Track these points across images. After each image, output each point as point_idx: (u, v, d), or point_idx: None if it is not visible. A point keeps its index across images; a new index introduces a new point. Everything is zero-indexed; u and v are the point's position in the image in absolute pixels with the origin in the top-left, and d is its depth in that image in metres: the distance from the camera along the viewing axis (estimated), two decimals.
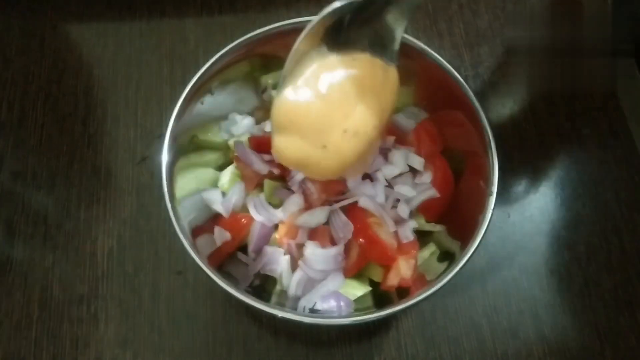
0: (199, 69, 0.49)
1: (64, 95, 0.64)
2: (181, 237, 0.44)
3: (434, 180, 0.52)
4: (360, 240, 0.48)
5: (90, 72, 0.65)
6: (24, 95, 0.64)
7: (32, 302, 0.55)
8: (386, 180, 0.51)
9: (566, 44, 0.65)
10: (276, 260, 0.49)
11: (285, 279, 0.49)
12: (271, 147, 0.45)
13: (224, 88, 0.52)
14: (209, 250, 0.49)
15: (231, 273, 0.49)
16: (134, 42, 0.66)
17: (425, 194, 0.51)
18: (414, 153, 0.53)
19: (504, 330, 0.54)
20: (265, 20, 0.51)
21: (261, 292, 0.50)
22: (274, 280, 0.50)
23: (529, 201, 0.59)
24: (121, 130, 0.62)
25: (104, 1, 0.68)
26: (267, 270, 0.49)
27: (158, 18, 0.68)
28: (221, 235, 0.50)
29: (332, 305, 0.47)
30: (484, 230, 0.44)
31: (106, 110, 0.63)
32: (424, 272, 0.49)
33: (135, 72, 0.65)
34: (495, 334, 0.54)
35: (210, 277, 0.43)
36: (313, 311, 0.47)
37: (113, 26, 0.67)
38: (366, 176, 0.51)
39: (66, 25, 0.68)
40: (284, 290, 0.49)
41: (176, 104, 0.48)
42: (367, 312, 0.45)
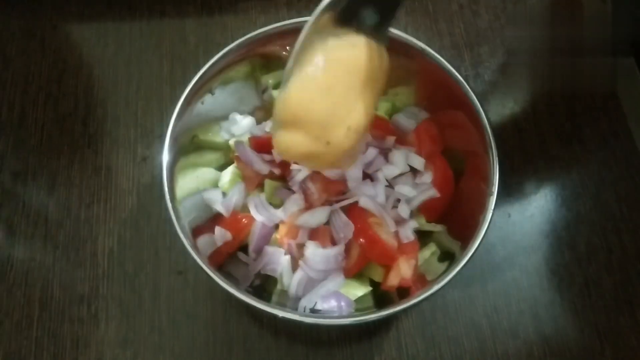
0: (199, 69, 0.49)
1: (64, 95, 0.64)
2: (182, 237, 0.44)
3: (435, 180, 0.52)
4: (361, 240, 0.48)
5: (91, 72, 0.65)
6: (24, 95, 0.64)
7: (33, 302, 0.55)
8: (387, 180, 0.51)
9: (566, 44, 0.65)
10: (277, 260, 0.49)
11: (285, 279, 0.49)
12: (272, 142, 0.44)
13: (224, 88, 0.52)
14: (209, 250, 0.49)
15: (232, 273, 0.49)
16: (134, 42, 0.67)
17: (426, 194, 0.51)
18: (415, 153, 0.53)
19: (504, 330, 0.54)
20: (265, 20, 0.50)
21: (262, 292, 0.50)
22: (275, 280, 0.50)
23: (530, 201, 0.59)
24: (121, 130, 0.62)
25: (104, 1, 0.68)
26: (267, 270, 0.49)
27: (158, 18, 0.68)
28: (222, 235, 0.50)
29: (332, 305, 0.47)
30: (484, 230, 0.44)
31: (106, 110, 0.63)
32: (424, 272, 0.49)
33: (136, 72, 0.65)
34: (495, 333, 0.54)
35: (210, 277, 0.43)
36: (313, 311, 0.47)
37: (113, 26, 0.67)
38: (366, 176, 0.51)
39: (66, 25, 0.68)
40: (285, 290, 0.49)
41: (176, 104, 0.48)
42: (367, 312, 0.45)
